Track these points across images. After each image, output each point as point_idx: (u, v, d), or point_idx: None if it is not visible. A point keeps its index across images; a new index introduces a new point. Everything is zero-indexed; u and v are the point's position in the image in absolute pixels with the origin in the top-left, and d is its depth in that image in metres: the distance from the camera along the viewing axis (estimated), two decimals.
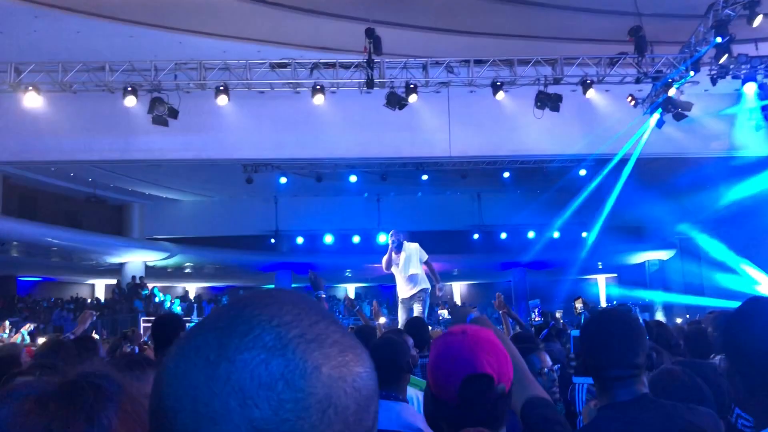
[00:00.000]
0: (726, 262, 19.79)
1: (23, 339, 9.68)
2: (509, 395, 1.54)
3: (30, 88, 11.49)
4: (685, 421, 1.80)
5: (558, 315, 18.43)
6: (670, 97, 12.37)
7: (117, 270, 24.81)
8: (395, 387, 2.91)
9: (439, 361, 1.50)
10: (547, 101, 12.28)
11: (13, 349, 4.18)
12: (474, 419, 1.47)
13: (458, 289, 33.75)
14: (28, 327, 10.88)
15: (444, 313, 15.93)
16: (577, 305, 8.38)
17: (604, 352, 1.91)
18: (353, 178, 21.11)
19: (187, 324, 5.30)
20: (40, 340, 9.33)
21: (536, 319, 15.99)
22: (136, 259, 24.52)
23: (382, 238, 24.93)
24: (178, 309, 20.07)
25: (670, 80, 12.35)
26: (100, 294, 27.61)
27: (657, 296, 23.98)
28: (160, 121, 11.90)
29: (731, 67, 11.92)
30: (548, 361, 3.63)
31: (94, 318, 5.97)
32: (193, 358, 0.58)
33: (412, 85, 12.07)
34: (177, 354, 0.60)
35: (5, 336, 10.89)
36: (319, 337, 0.59)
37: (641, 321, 3.40)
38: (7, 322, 12.17)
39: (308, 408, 0.55)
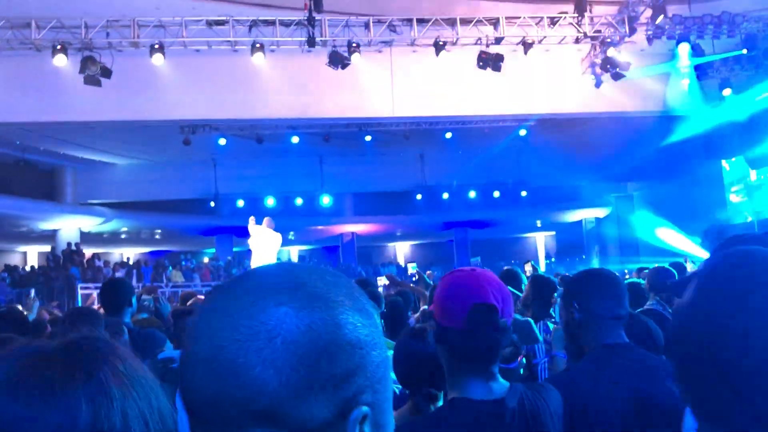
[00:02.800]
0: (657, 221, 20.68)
1: None
2: (510, 331, 1.62)
3: None
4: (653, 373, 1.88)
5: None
6: (608, 57, 12.58)
7: (50, 236, 23.95)
8: None
9: (450, 289, 1.62)
10: (489, 61, 12.33)
11: None
12: (475, 347, 1.56)
13: (402, 250, 34.04)
14: None
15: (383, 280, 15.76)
16: (527, 268, 8.68)
17: (597, 300, 2.09)
18: (295, 140, 20.80)
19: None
20: None
21: None
22: (70, 225, 23.69)
23: (326, 200, 24.88)
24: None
25: (608, 40, 12.55)
26: (33, 262, 26.68)
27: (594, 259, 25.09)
28: (92, 81, 11.41)
29: (666, 27, 12.21)
30: None
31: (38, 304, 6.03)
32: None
33: (354, 44, 11.90)
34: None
35: None
36: (296, 287, 0.69)
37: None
38: None
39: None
